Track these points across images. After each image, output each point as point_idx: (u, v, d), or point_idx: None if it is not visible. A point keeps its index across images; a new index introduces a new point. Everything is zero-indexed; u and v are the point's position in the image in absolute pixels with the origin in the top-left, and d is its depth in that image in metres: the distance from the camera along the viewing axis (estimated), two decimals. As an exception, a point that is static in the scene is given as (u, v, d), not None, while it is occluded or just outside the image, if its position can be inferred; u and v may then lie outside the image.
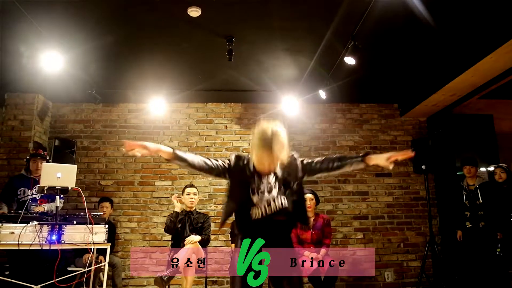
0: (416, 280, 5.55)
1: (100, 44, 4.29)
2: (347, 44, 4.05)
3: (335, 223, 5.75)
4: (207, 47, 4.45)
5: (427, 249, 5.51)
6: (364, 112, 6.27)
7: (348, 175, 6.00)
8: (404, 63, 4.90)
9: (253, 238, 2.03)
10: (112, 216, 5.59)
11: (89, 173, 5.85)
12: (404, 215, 5.94)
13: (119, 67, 4.99)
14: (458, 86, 4.90)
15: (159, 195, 5.83)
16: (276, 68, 5.01)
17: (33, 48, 4.22)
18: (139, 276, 5.55)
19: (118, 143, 5.96)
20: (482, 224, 4.88)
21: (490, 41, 3.93)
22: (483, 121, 6.03)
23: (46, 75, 4.68)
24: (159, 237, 5.62)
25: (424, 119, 6.26)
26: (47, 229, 3.83)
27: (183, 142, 6.01)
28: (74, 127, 6.00)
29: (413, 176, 6.04)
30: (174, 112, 6.10)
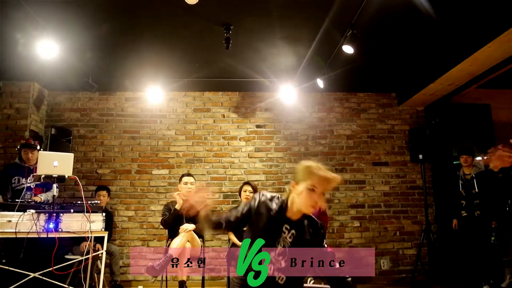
0: (411, 267, 5.61)
1: (97, 32, 4.25)
2: (345, 32, 4.03)
3: (332, 211, 5.78)
4: (205, 35, 4.41)
5: (422, 237, 5.56)
6: (362, 101, 6.26)
7: (345, 164, 6.02)
8: (402, 52, 4.88)
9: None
10: (110, 204, 5.60)
11: (86, 162, 5.84)
12: (401, 203, 5.97)
13: (115, 56, 4.95)
14: (456, 75, 4.89)
15: (156, 183, 5.83)
16: (273, 57, 4.98)
17: (29, 36, 4.17)
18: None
19: (114, 132, 5.95)
20: (477, 213, 4.92)
21: (489, 30, 3.91)
22: (481, 111, 6.03)
23: (42, 63, 4.64)
24: (156, 225, 5.63)
25: (421, 108, 6.26)
26: (44, 217, 3.83)
27: (180, 131, 6.00)
28: (71, 115, 5.97)
29: (410, 165, 6.06)
30: (171, 101, 6.08)
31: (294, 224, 2.02)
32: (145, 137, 5.96)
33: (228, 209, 5.79)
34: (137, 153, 5.92)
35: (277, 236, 1.99)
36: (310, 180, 1.93)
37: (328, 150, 6.06)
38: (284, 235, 1.98)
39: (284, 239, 1.98)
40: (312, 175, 1.94)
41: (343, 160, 6.05)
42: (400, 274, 5.71)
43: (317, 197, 1.92)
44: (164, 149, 5.94)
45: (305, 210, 1.98)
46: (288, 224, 2.01)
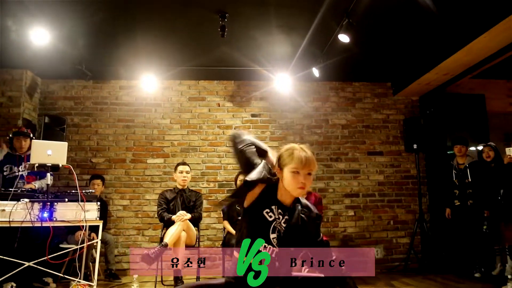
0: (404, 256, 5.67)
1: (91, 19, 4.19)
2: (341, 21, 4.01)
3: (326, 200, 5.81)
4: (200, 23, 4.37)
5: (416, 226, 5.62)
6: (357, 90, 6.26)
7: (340, 154, 6.04)
8: (398, 42, 4.87)
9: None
10: (104, 193, 5.59)
11: (80, 151, 5.81)
12: (395, 193, 6.01)
13: (110, 43, 4.90)
14: (451, 65, 4.90)
15: (151, 172, 5.82)
16: (269, 45, 4.96)
17: (21, 23, 4.12)
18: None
19: (109, 121, 5.91)
20: (470, 202, 4.97)
21: (484, 20, 3.91)
22: (475, 101, 6.07)
23: (35, 50, 4.59)
24: (151, 214, 5.64)
25: (416, 98, 6.27)
26: (38, 206, 3.82)
27: (175, 120, 5.97)
28: (64, 104, 5.92)
29: (404, 155, 6.09)
30: (166, 89, 6.04)
31: (287, 209, 2.02)
32: (139, 126, 5.93)
33: (223, 198, 5.81)
34: (131, 142, 5.89)
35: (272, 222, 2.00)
36: (293, 162, 1.93)
37: (323, 139, 6.07)
38: (278, 221, 1.99)
39: (279, 224, 1.99)
40: (292, 158, 1.94)
41: (338, 149, 6.06)
42: (394, 262, 5.77)
43: (302, 179, 1.92)
44: (159, 138, 5.92)
45: (295, 193, 1.98)
46: (281, 209, 2.02)
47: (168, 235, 4.24)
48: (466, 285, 4.53)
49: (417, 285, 4.56)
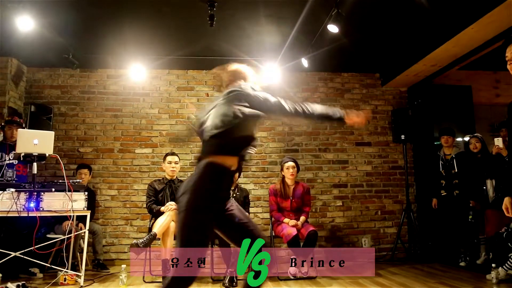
0: (392, 246, 5.74)
1: (77, 6, 4.12)
2: (330, 11, 3.99)
3: (314, 191, 5.84)
4: (188, 12, 4.33)
5: (403, 216, 5.69)
6: (346, 81, 6.27)
7: (328, 144, 6.06)
8: (387, 33, 4.88)
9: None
10: (92, 183, 5.55)
11: (68, 140, 5.75)
12: (382, 183, 6.07)
13: (97, 31, 4.83)
14: (439, 56, 4.93)
15: (139, 162, 5.79)
16: (258, 35, 4.93)
17: (4, 8, 4.02)
18: (120, 243, 5.58)
19: (96, 110, 5.85)
20: (456, 192, 5.03)
21: (472, 11, 3.93)
22: (462, 92, 6.11)
23: (20, 38, 4.50)
24: (139, 205, 5.62)
25: (405, 89, 6.30)
26: (25, 196, 3.79)
27: (163, 109, 5.93)
28: (51, 92, 5.84)
29: (392, 146, 6.14)
30: (154, 79, 5.99)
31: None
32: (128, 116, 5.88)
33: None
34: (119, 131, 5.84)
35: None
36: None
37: (312, 130, 6.08)
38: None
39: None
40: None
41: (326, 140, 6.08)
42: (381, 252, 5.84)
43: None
44: (147, 127, 5.88)
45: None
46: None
47: (157, 225, 4.24)
48: (451, 273, 4.61)
49: (404, 274, 4.63)
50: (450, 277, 4.42)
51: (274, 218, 4.81)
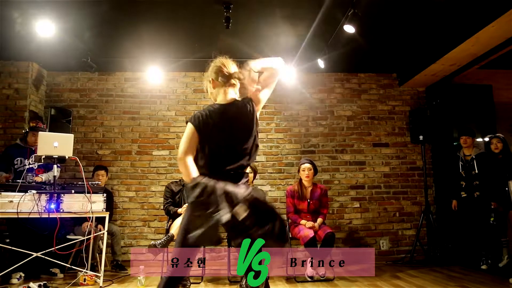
0: (410, 248, 5.66)
1: (95, 10, 4.18)
2: (346, 11, 3.97)
3: (332, 192, 5.80)
4: (204, 14, 4.35)
5: (422, 218, 5.61)
6: (363, 81, 6.22)
7: (345, 145, 6.02)
8: (404, 32, 4.82)
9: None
10: (110, 185, 5.62)
11: (86, 143, 5.84)
12: (401, 184, 5.99)
13: (114, 35, 4.90)
14: (458, 55, 4.85)
15: (156, 164, 5.84)
16: (274, 36, 4.93)
17: (26, 14, 4.12)
18: (138, 244, 5.63)
19: (114, 112, 5.93)
20: (477, 194, 4.93)
21: (492, 9, 3.86)
22: (482, 91, 6.00)
23: (40, 42, 4.60)
24: (157, 206, 5.67)
25: (422, 89, 6.22)
26: (46, 198, 3.86)
27: (180, 112, 5.97)
28: (70, 96, 5.94)
29: (410, 146, 6.06)
30: (171, 81, 6.04)
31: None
32: (145, 118, 5.94)
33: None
34: (137, 134, 5.91)
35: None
36: None
37: (329, 131, 6.05)
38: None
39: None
40: None
41: (343, 141, 6.04)
42: (399, 254, 5.77)
43: None
44: (164, 130, 5.93)
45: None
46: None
47: (175, 227, 4.27)
48: (472, 277, 4.52)
49: (423, 277, 4.55)
50: (471, 280, 4.33)
51: (291, 220, 4.79)
